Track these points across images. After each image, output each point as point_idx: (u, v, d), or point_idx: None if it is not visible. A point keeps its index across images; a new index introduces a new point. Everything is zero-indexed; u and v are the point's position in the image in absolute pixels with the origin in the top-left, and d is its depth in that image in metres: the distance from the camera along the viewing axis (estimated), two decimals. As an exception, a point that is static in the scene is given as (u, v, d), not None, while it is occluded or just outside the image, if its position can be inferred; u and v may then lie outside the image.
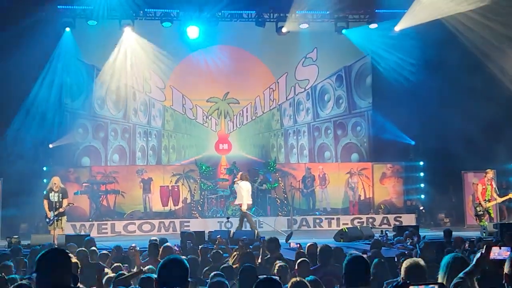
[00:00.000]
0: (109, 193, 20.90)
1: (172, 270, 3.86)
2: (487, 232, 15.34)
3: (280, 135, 23.93)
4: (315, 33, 22.73)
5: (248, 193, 16.60)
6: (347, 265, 4.64)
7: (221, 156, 23.20)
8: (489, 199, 16.66)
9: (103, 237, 17.77)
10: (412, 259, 5.35)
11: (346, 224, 19.02)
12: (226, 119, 23.47)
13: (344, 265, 4.67)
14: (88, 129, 22.35)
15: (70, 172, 20.79)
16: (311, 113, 23.86)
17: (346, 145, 23.70)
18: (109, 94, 22.54)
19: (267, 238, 10.49)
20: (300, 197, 21.86)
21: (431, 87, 20.93)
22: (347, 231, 16.29)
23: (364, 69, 23.59)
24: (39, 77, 20.39)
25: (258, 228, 17.25)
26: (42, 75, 20.48)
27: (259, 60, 23.38)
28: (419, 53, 21.31)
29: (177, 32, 22.10)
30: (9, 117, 19.72)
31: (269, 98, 23.74)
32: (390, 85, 21.68)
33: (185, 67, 23.05)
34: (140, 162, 22.78)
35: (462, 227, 20.31)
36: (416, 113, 21.15)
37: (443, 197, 22.37)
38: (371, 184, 22.38)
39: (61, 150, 21.26)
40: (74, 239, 13.09)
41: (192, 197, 21.53)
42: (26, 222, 19.21)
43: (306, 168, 22.24)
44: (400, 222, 20.27)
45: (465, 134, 19.51)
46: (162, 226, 19.93)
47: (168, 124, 23.28)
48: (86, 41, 21.59)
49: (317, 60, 23.71)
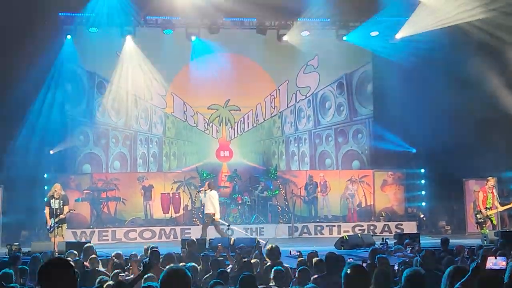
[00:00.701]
0: (110, 200, 20.91)
1: (175, 281, 3.84)
2: (488, 240, 15.31)
3: (281, 142, 23.92)
4: (316, 40, 22.79)
5: (218, 202, 16.71)
6: (347, 274, 4.62)
7: (222, 163, 23.18)
8: (490, 207, 16.63)
9: (104, 244, 17.75)
10: (413, 268, 5.34)
11: (347, 232, 19.02)
12: (227, 126, 23.47)
13: (343, 275, 4.65)
14: (89, 136, 22.36)
15: (71, 179, 20.80)
16: (312, 120, 23.86)
17: (347, 153, 23.69)
18: (110, 101, 22.55)
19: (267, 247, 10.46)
20: (301, 204, 21.84)
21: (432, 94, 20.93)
22: (348, 238, 16.27)
23: (365, 77, 23.61)
24: (40, 85, 20.39)
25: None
26: (43, 82, 20.48)
27: (260, 67, 23.40)
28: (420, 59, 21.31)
29: (178, 39, 22.13)
30: (11, 124, 19.71)
31: (270, 105, 23.75)
32: (391, 92, 21.64)
33: (186, 74, 23.06)
34: (141, 169, 22.78)
35: (463, 234, 20.26)
36: (417, 121, 21.13)
37: (444, 204, 22.34)
38: (372, 192, 22.36)
39: (62, 157, 21.28)
40: (74, 246, 13.06)
41: (193, 204, 21.51)
42: (27, 229, 19.21)
43: (308, 176, 22.22)
44: (401, 229, 20.23)
45: (466, 141, 19.49)
46: (163, 233, 19.92)
47: (169, 131, 23.29)
48: (87, 48, 21.65)
49: (318, 68, 23.73)
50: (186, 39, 22.21)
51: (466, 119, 20.05)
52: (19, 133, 19.69)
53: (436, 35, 19.82)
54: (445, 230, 21.59)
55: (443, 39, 19.77)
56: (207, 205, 16.76)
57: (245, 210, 20.96)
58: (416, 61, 21.20)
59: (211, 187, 16.95)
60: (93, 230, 19.41)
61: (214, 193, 16.78)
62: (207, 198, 16.74)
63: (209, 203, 16.64)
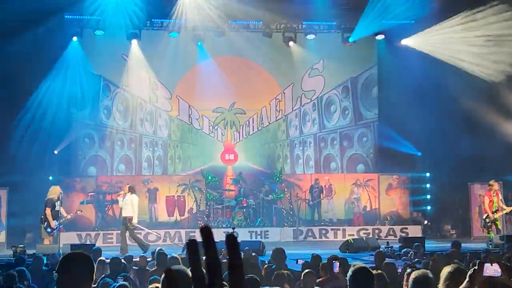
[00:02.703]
0: (114, 203, 20.86)
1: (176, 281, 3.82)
2: (493, 244, 15.24)
3: (286, 146, 23.90)
4: (321, 43, 22.84)
5: (136, 207, 16.15)
6: (352, 277, 4.60)
7: (227, 166, 23.18)
8: (496, 210, 16.54)
9: (109, 246, 17.75)
10: (421, 271, 5.29)
11: (352, 235, 18.99)
12: (232, 130, 23.46)
13: (349, 277, 4.62)
14: (94, 139, 22.37)
15: (76, 182, 20.84)
16: (317, 123, 23.83)
17: (352, 156, 23.65)
18: (116, 104, 22.59)
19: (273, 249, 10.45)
20: (306, 208, 21.81)
21: (438, 98, 20.93)
22: (352, 242, 16.25)
23: (370, 80, 23.56)
24: (46, 87, 20.43)
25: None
26: (49, 85, 20.51)
27: (265, 71, 23.40)
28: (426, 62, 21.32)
29: (184, 42, 22.16)
30: (16, 126, 19.74)
31: (275, 109, 23.74)
32: (397, 96, 21.60)
33: (192, 77, 23.06)
34: (146, 172, 22.78)
35: (468, 238, 20.17)
36: (423, 124, 21.11)
37: (450, 208, 22.28)
38: (377, 195, 22.33)
39: (67, 159, 21.32)
40: (79, 248, 13.08)
41: (198, 207, 21.52)
42: (32, 231, 19.19)
43: (314, 179, 22.20)
44: (406, 233, 20.19)
45: (472, 145, 19.43)
46: (167, 236, 19.91)
47: (174, 134, 23.29)
48: (93, 51, 21.68)
49: (323, 71, 23.70)
50: (192, 42, 22.23)
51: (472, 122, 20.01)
52: (24, 135, 19.71)
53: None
54: (450, 234, 21.50)
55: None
56: (127, 209, 15.97)
57: (250, 213, 20.96)
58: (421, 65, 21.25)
59: (132, 191, 16.18)
60: (98, 233, 19.44)
61: (135, 197, 16.08)
62: (127, 202, 15.96)
63: (129, 207, 15.91)
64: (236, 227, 19.53)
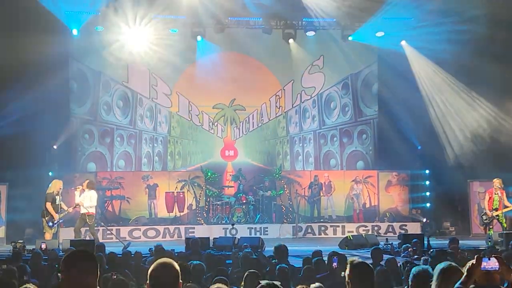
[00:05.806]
0: (114, 199, 20.94)
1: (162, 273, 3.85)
2: (493, 241, 15.25)
3: (285, 142, 23.89)
4: (321, 40, 22.86)
5: (95, 203, 16.22)
6: (352, 271, 4.58)
7: (227, 162, 23.19)
8: (496, 207, 16.50)
9: (108, 242, 17.72)
10: (421, 266, 5.30)
11: (351, 232, 19.05)
12: (232, 126, 23.45)
13: (348, 272, 4.60)
14: (94, 135, 22.35)
15: (75, 178, 20.78)
16: (317, 120, 23.82)
17: (352, 153, 23.64)
18: (116, 100, 22.58)
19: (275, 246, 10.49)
20: (305, 204, 21.82)
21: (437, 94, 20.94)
22: (352, 238, 16.29)
23: (370, 77, 23.52)
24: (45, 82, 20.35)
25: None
26: (48, 80, 20.43)
27: (265, 67, 23.37)
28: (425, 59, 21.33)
29: (184, 39, 22.14)
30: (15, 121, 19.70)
31: (275, 105, 23.72)
32: (396, 93, 21.59)
33: (192, 74, 23.04)
34: (145, 168, 22.79)
35: (467, 236, 20.20)
36: (422, 122, 21.09)
37: (449, 205, 22.26)
38: (376, 192, 22.34)
39: (66, 155, 21.29)
40: (78, 244, 13.10)
41: (198, 203, 21.55)
42: (32, 227, 19.20)
43: (314, 176, 22.21)
44: (405, 230, 20.23)
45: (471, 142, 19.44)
46: (167, 232, 19.96)
47: (174, 130, 23.28)
48: (93, 46, 21.65)
49: (323, 68, 23.68)
50: (192, 38, 22.20)
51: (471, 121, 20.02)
52: (23, 131, 19.67)
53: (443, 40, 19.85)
54: (450, 231, 21.51)
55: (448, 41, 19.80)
56: (87, 204, 15.98)
57: (250, 209, 20.95)
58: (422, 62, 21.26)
59: (90, 187, 16.22)
60: (97, 229, 19.40)
61: (93, 193, 16.16)
62: (85, 198, 15.99)
63: (89, 203, 15.97)
64: (236, 223, 19.60)
